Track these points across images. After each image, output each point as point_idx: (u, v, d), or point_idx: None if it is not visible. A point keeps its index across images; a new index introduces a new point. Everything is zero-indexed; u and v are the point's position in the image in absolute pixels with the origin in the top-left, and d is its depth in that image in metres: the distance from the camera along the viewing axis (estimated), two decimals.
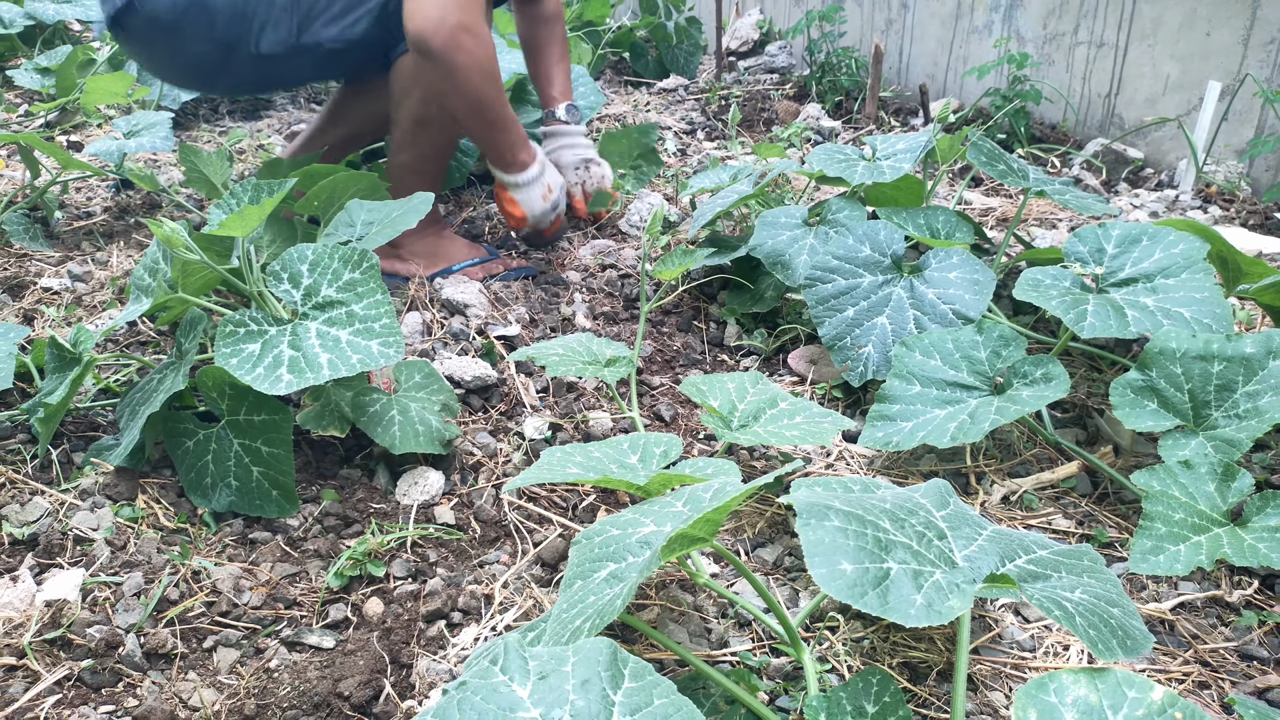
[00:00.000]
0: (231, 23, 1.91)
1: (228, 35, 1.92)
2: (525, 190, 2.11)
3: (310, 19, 1.92)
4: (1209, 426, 1.35)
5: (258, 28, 1.91)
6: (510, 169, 2.08)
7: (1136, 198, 2.67)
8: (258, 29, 1.91)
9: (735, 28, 4.67)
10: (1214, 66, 2.61)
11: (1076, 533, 1.42)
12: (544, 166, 2.12)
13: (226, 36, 1.92)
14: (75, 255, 2.32)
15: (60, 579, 1.23)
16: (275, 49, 1.94)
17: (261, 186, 1.60)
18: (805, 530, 0.79)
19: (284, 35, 1.92)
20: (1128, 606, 0.83)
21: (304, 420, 1.46)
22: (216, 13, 1.90)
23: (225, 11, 1.90)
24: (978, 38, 3.46)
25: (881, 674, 0.80)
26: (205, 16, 1.90)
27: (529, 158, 2.09)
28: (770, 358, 1.94)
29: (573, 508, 1.49)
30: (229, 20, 1.91)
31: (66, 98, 3.27)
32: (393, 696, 1.13)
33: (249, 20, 1.91)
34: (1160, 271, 1.56)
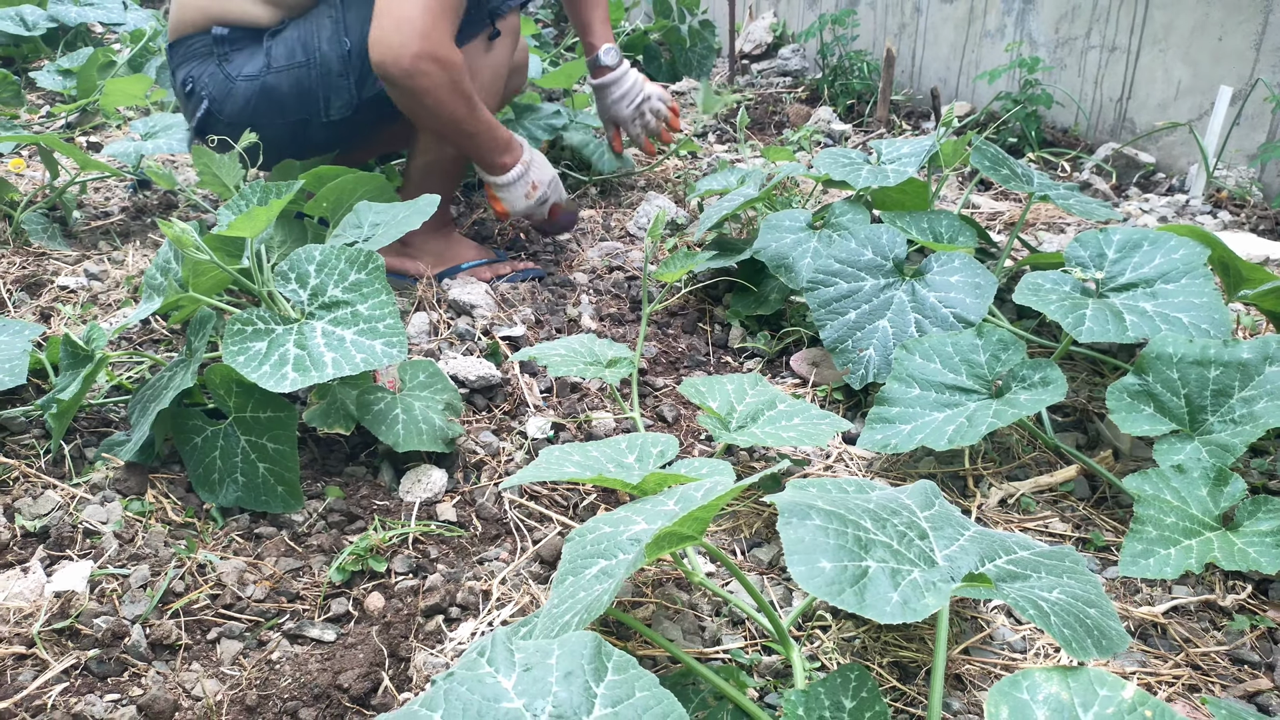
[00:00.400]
0: (300, 103, 2.04)
1: (299, 114, 2.06)
2: (507, 190, 2.18)
3: (364, 75, 2.02)
4: (1204, 431, 1.35)
5: (323, 100, 2.04)
6: (492, 171, 2.15)
7: (1147, 202, 2.66)
8: (324, 101, 2.04)
9: (748, 31, 4.68)
10: (1226, 71, 2.60)
11: (1073, 536, 1.43)
12: (528, 167, 2.17)
13: (298, 116, 2.06)
14: (92, 254, 2.36)
15: (69, 570, 1.26)
16: (344, 113, 2.06)
17: (270, 188, 1.63)
18: (785, 529, 0.80)
19: (348, 98, 2.05)
20: (1106, 607, 0.84)
21: (310, 418, 1.49)
22: (284, 98, 2.03)
23: (291, 96, 2.03)
24: (990, 42, 3.46)
25: (860, 670, 0.81)
26: (275, 105, 2.03)
27: (511, 160, 2.14)
28: (774, 360, 1.96)
29: (573, 506, 1.51)
30: (297, 102, 2.04)
31: (87, 99, 3.32)
32: (390, 689, 1.16)
33: (314, 96, 2.03)
34: (1160, 276, 1.56)
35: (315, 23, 2.01)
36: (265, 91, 2.02)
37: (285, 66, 2.01)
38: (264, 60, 2.01)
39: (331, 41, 2.00)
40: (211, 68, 2.04)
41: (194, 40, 2.05)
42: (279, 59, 2.01)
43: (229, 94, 2.03)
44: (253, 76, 2.02)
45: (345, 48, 2.00)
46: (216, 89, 2.04)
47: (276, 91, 2.02)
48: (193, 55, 2.06)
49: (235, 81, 2.02)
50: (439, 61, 1.88)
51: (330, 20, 2.00)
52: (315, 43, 2.00)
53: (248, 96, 2.03)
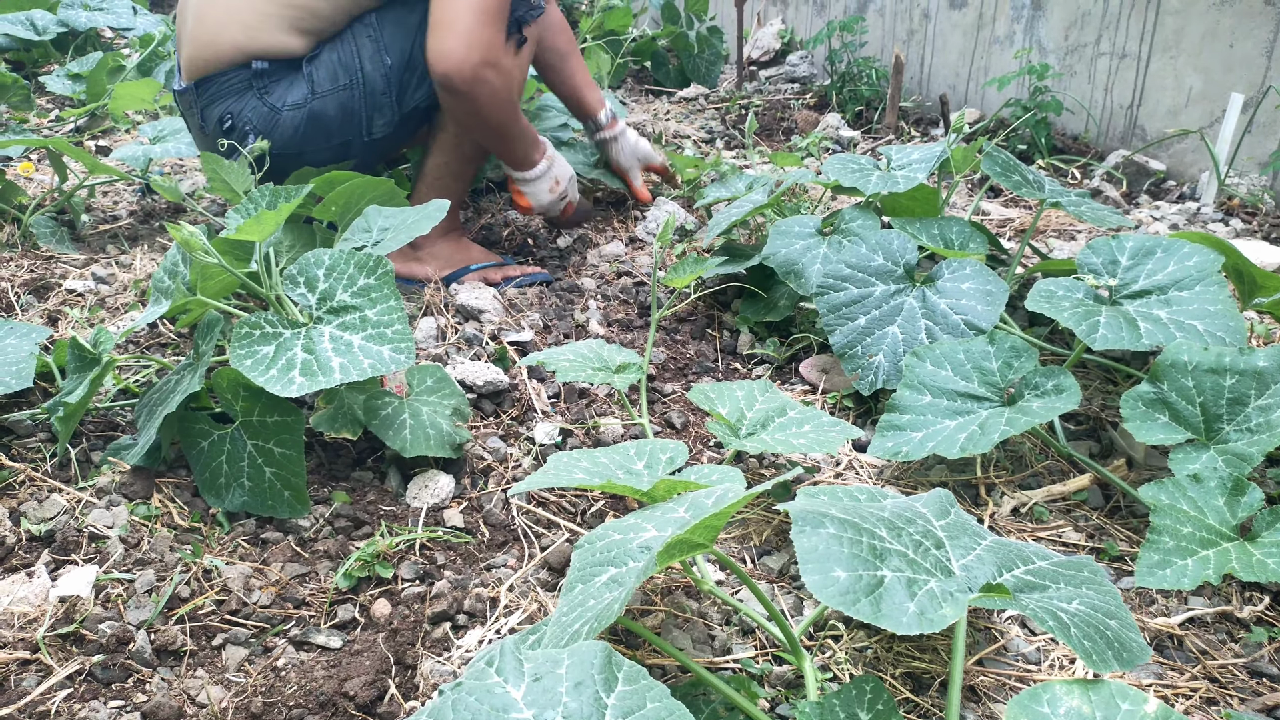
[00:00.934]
0: (344, 125, 2.07)
1: (343, 136, 2.09)
2: (533, 185, 2.27)
3: (404, 90, 2.06)
4: (1220, 440, 1.34)
5: (366, 120, 2.07)
6: (520, 168, 2.24)
7: (1158, 210, 2.65)
8: (367, 121, 2.08)
9: (757, 37, 4.68)
10: (1237, 78, 2.59)
11: (1087, 546, 1.41)
12: (551, 162, 2.27)
13: (342, 138, 2.09)
14: (100, 258, 2.36)
15: (74, 575, 1.25)
16: (386, 130, 2.10)
17: (279, 192, 1.63)
18: (799, 538, 0.79)
19: (389, 115, 2.09)
20: (1126, 619, 0.83)
21: (317, 422, 1.48)
22: (330, 122, 2.06)
23: (337, 119, 2.06)
24: (999, 48, 3.45)
25: (875, 681, 0.80)
26: (322, 129, 2.06)
27: (538, 156, 2.24)
28: (783, 366, 1.94)
29: (581, 513, 1.50)
30: (341, 125, 2.07)
31: (95, 103, 3.33)
32: (397, 697, 1.15)
33: (357, 116, 2.07)
34: (1174, 284, 1.55)
35: (353, 44, 2.03)
36: (313, 118, 2.04)
37: (330, 90, 2.03)
38: (307, 87, 2.03)
39: (373, 61, 2.02)
40: (253, 102, 2.04)
41: (229, 76, 2.04)
42: (322, 84, 2.03)
43: (275, 125, 2.04)
44: (298, 105, 2.03)
45: (387, 65, 2.03)
46: (261, 121, 2.04)
47: (324, 116, 2.04)
48: (229, 92, 2.05)
49: (281, 112, 2.03)
50: (497, 69, 1.96)
51: (369, 40, 2.03)
52: (356, 63, 2.02)
53: (295, 125, 2.04)
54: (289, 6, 1.99)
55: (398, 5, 2.05)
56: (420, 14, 2.03)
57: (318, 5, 2.00)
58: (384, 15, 2.04)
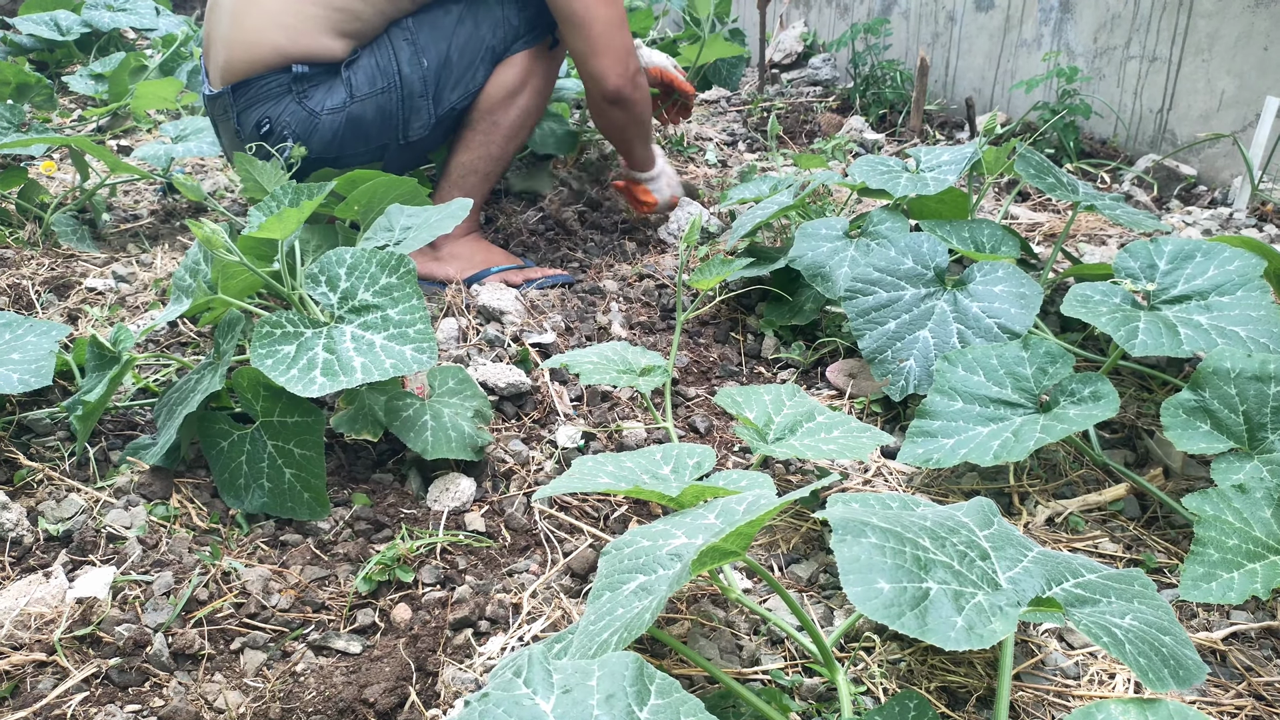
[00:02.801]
0: (382, 129, 2.08)
1: (381, 140, 2.09)
2: (656, 182, 2.45)
3: (440, 92, 2.07)
4: (1265, 450, 1.30)
5: (403, 122, 2.08)
6: (645, 168, 2.43)
7: (1189, 215, 2.60)
8: (404, 124, 2.08)
9: (779, 40, 4.65)
10: (1272, 82, 2.54)
11: (1124, 557, 1.37)
12: (664, 161, 2.47)
13: (379, 141, 2.10)
14: (121, 256, 2.35)
15: (92, 576, 1.24)
16: (422, 133, 2.11)
17: (302, 190, 1.61)
18: (840, 547, 0.76)
19: (425, 118, 2.09)
20: (1180, 635, 0.79)
21: (337, 423, 1.46)
22: (369, 125, 2.06)
23: (375, 122, 2.06)
24: (1026, 51, 3.40)
25: (919, 698, 0.77)
26: (360, 133, 2.07)
27: (654, 157, 2.43)
28: (808, 371, 1.91)
29: (604, 518, 1.47)
30: (379, 128, 2.07)
31: (118, 103, 3.33)
32: (417, 705, 1.12)
33: (394, 119, 2.07)
34: (1214, 289, 1.51)
35: (391, 47, 2.03)
36: (352, 122, 2.04)
37: (368, 94, 2.03)
38: (346, 92, 2.02)
39: (411, 63, 2.03)
40: (292, 106, 2.03)
41: (267, 81, 2.02)
42: (361, 87, 2.02)
43: (314, 129, 2.04)
44: (337, 109, 2.03)
45: (424, 68, 2.04)
46: (300, 126, 2.03)
47: (362, 120, 2.04)
48: (266, 96, 2.04)
49: (320, 116, 2.03)
50: (643, 75, 2.18)
51: (407, 43, 2.03)
52: (394, 66, 2.03)
53: (334, 129, 2.04)
54: (330, 9, 1.98)
55: (434, 8, 2.05)
56: (456, 15, 2.04)
57: (358, 7, 2.00)
58: (420, 19, 2.04)
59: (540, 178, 2.79)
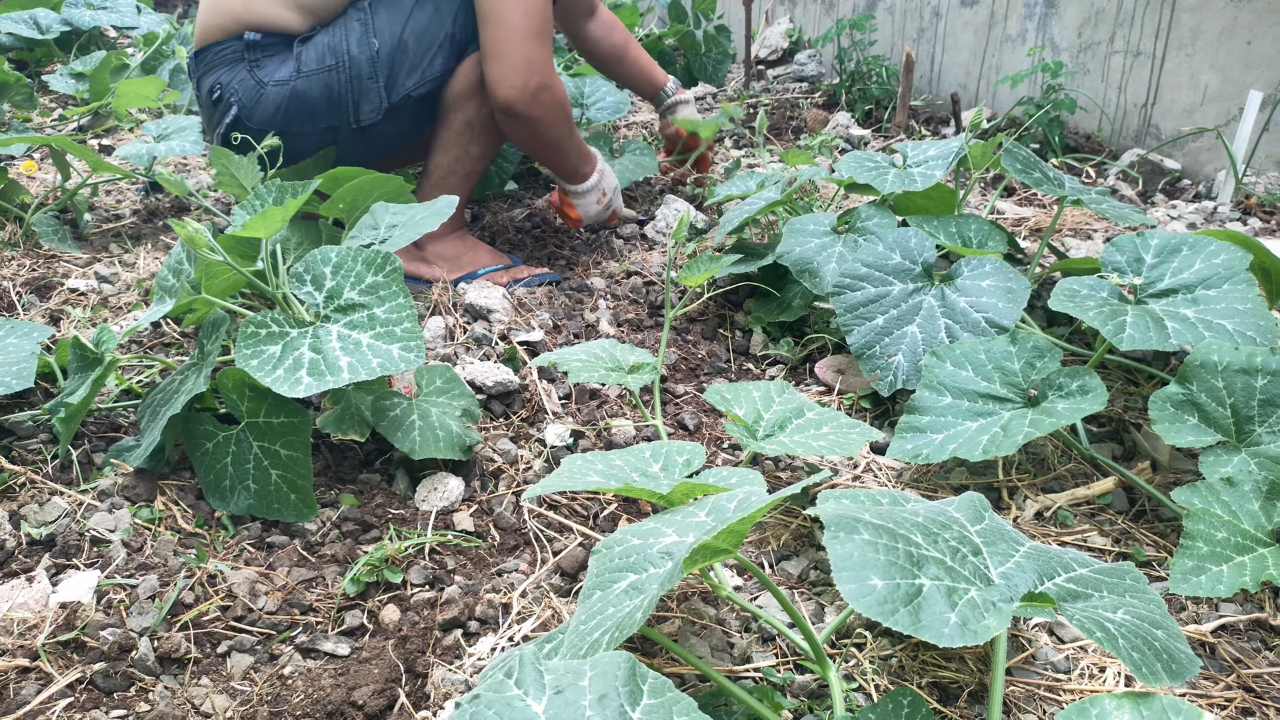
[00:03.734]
0: (329, 109, 2.03)
1: (329, 121, 2.04)
2: (583, 197, 2.31)
3: (393, 77, 2.02)
4: (1252, 443, 1.30)
5: (352, 104, 2.03)
6: (573, 181, 2.28)
7: (1174, 209, 2.61)
8: (353, 106, 2.03)
9: (764, 36, 4.65)
10: (1255, 76, 2.55)
11: (1113, 550, 1.38)
12: (601, 175, 2.31)
13: (328, 122, 2.05)
14: (103, 257, 2.33)
15: (75, 580, 1.22)
16: (373, 117, 2.05)
17: (286, 188, 1.59)
18: (833, 544, 0.76)
19: (376, 101, 2.03)
20: (1172, 629, 0.79)
21: (324, 424, 1.45)
22: (315, 103, 2.02)
23: (321, 100, 2.02)
24: (1011, 46, 3.41)
25: (913, 695, 0.76)
26: (306, 110, 2.02)
27: (589, 170, 2.28)
28: (797, 367, 1.91)
29: (593, 516, 1.46)
30: (327, 107, 2.02)
31: (99, 102, 3.30)
32: (407, 707, 1.11)
33: (343, 100, 2.02)
34: (1201, 282, 1.51)
35: (344, 27, 2.00)
36: (295, 96, 2.00)
37: (315, 70, 1.99)
38: (294, 65, 1.99)
39: (360, 44, 1.98)
40: (242, 74, 2.01)
41: (223, 46, 2.02)
42: (309, 63, 1.99)
43: (259, 100, 2.01)
44: (283, 81, 2.00)
45: (374, 49, 1.99)
46: (246, 95, 2.01)
47: (307, 96, 2.00)
48: (221, 61, 2.03)
49: (266, 87, 2.00)
50: (552, 90, 2.01)
51: (359, 23, 1.99)
52: (344, 46, 1.99)
53: (278, 102, 2.01)
54: None
55: None
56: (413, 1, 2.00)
57: None
58: (378, 1, 2.01)
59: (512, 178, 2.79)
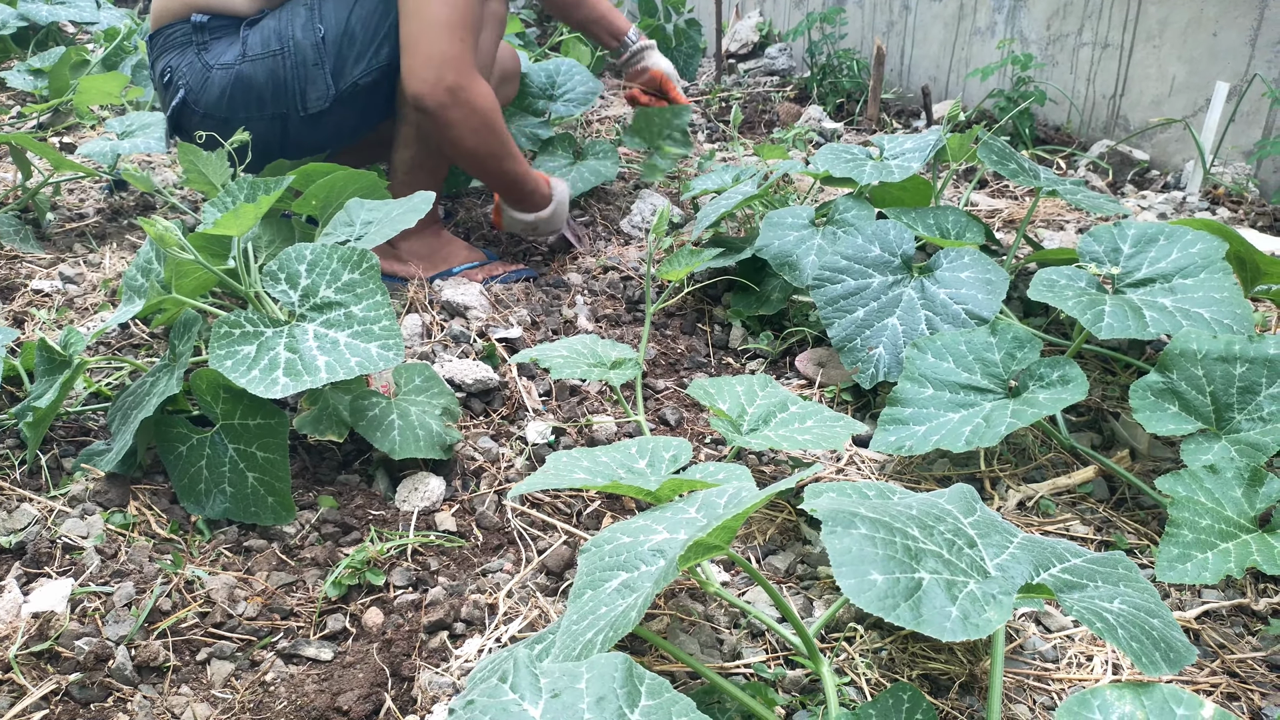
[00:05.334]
0: (276, 95, 1.98)
1: (276, 108, 2.00)
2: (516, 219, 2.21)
3: (340, 65, 1.97)
4: (1232, 430, 1.31)
5: (299, 91, 1.98)
6: (523, 210, 2.18)
7: (1144, 199, 2.64)
8: (299, 93, 1.98)
9: (735, 30, 4.64)
10: (1221, 67, 2.58)
11: (1095, 539, 1.38)
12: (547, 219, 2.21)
13: (275, 109, 2.00)
14: (67, 257, 2.28)
15: (48, 589, 1.19)
16: (321, 105, 2.00)
17: (259, 184, 1.56)
18: (831, 539, 0.75)
19: (323, 89, 1.99)
20: (1167, 617, 0.79)
21: (301, 425, 1.42)
22: (260, 89, 1.98)
23: (267, 86, 1.97)
24: (980, 39, 3.43)
25: (912, 690, 0.76)
26: (251, 96, 1.98)
27: (535, 207, 2.18)
28: (777, 360, 1.90)
29: (577, 514, 1.45)
30: (273, 93, 1.98)
31: (59, 99, 3.22)
32: (393, 711, 1.09)
33: (289, 87, 1.98)
34: (1178, 271, 1.53)
35: (291, 11, 1.97)
36: (240, 81, 1.96)
37: (260, 55, 1.96)
38: (240, 49, 1.96)
39: (305, 29, 1.95)
40: (190, 57, 1.98)
41: (174, 29, 2.00)
42: (254, 47, 1.96)
43: (205, 83, 1.98)
44: (228, 65, 1.96)
45: (319, 35, 1.95)
46: (194, 78, 1.98)
47: (252, 81, 1.96)
48: (172, 45, 2.01)
49: (212, 70, 1.97)
50: (469, 92, 1.91)
51: (305, 8, 1.96)
52: (290, 31, 1.95)
53: (223, 86, 1.97)
54: None
55: None
56: None
57: None
58: None
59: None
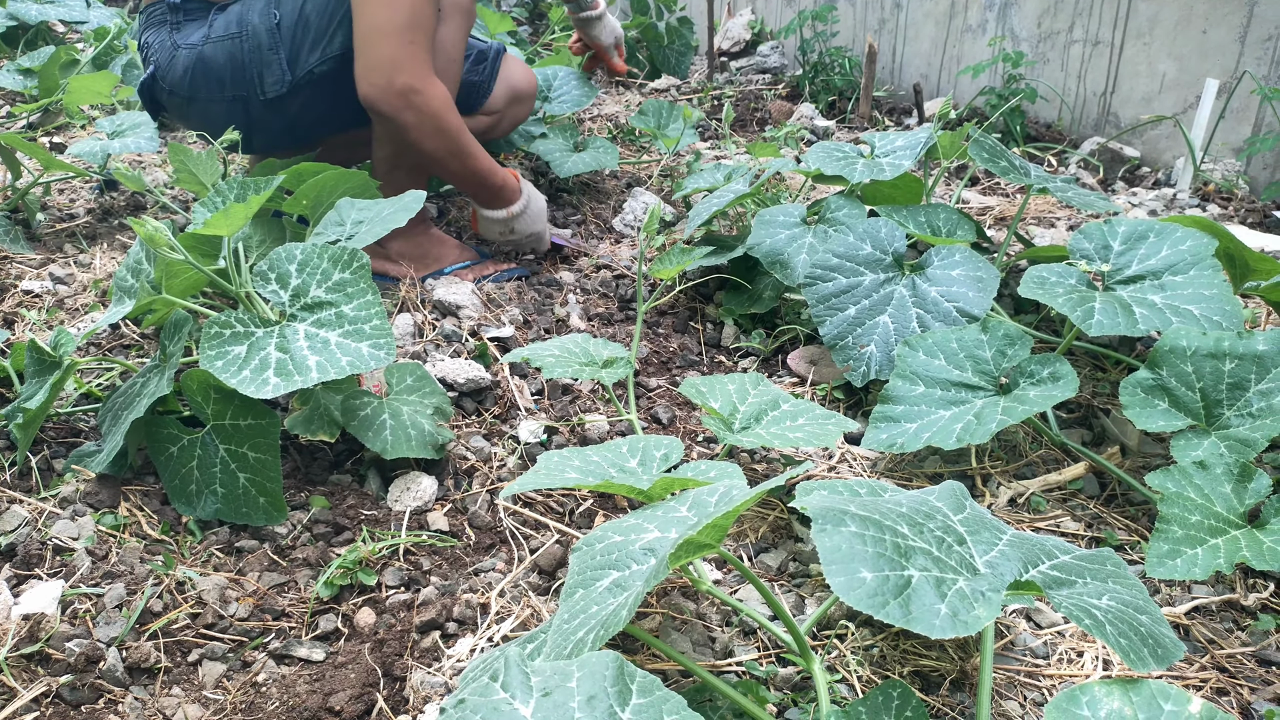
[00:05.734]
0: (235, 78, 1.99)
1: (236, 91, 2.01)
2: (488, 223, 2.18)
3: (295, 52, 1.97)
4: (1221, 426, 1.32)
5: (256, 76, 1.98)
6: (491, 207, 2.14)
7: (1134, 196, 2.65)
8: (256, 77, 1.98)
9: (727, 28, 4.64)
10: (1211, 64, 2.59)
11: (1085, 535, 1.39)
12: (519, 215, 2.16)
13: (236, 92, 2.01)
14: (57, 257, 2.27)
15: (38, 591, 1.18)
16: (279, 90, 1.99)
17: (248, 184, 1.56)
18: (821, 537, 0.75)
19: (279, 74, 1.98)
20: (1155, 613, 0.79)
21: (292, 425, 1.42)
22: (220, 70, 1.99)
23: (226, 69, 1.98)
24: (971, 37, 3.44)
25: (902, 687, 0.76)
26: (211, 77, 1.99)
27: (505, 203, 2.13)
28: (769, 359, 1.91)
29: (569, 513, 1.45)
30: (232, 76, 1.99)
31: (49, 98, 3.21)
32: (385, 711, 1.09)
33: (248, 71, 1.98)
34: (1168, 268, 1.53)
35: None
36: (201, 61, 1.99)
37: (221, 38, 1.98)
38: (205, 30, 1.99)
39: (262, 15, 1.96)
40: (163, 35, 2.03)
41: (156, 6, 2.05)
42: (217, 30, 1.99)
43: (172, 61, 2.01)
44: (193, 46, 1.99)
45: (274, 20, 1.95)
46: (163, 56, 2.02)
47: (212, 63, 1.99)
48: (153, 22, 2.06)
49: (179, 50, 2.00)
50: (424, 95, 1.87)
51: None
52: (249, 16, 1.97)
53: (187, 65, 2.00)
54: None
55: None
56: None
57: None
58: None
59: None
